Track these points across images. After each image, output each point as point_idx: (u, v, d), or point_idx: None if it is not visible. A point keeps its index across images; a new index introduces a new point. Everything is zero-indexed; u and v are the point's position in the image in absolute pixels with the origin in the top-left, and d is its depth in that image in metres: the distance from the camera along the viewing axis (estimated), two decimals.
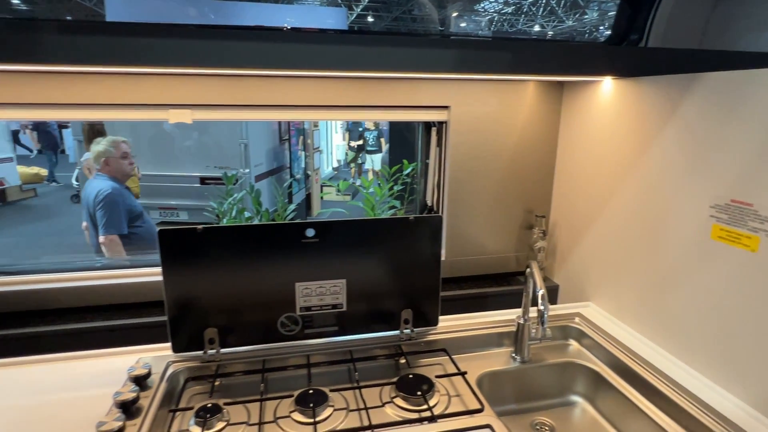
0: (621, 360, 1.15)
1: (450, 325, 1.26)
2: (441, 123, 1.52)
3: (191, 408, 0.96)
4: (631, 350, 1.15)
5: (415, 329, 1.21)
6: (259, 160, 6.04)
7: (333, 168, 10.34)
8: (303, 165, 7.54)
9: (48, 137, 8.06)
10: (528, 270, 1.14)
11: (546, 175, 1.59)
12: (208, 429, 0.91)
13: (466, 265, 1.60)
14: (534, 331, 1.16)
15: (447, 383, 1.09)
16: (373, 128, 9.19)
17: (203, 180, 5.91)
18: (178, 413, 0.95)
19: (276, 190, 5.72)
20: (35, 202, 8.12)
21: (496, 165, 1.54)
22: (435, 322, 1.22)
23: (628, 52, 1.23)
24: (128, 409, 0.89)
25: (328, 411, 0.99)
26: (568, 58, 1.13)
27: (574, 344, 1.30)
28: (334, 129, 10.24)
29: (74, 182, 8.00)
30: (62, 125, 8.12)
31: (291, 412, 0.98)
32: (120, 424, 0.82)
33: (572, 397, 1.23)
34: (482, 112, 1.48)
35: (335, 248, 1.12)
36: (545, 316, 1.00)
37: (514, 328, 1.22)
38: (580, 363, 1.22)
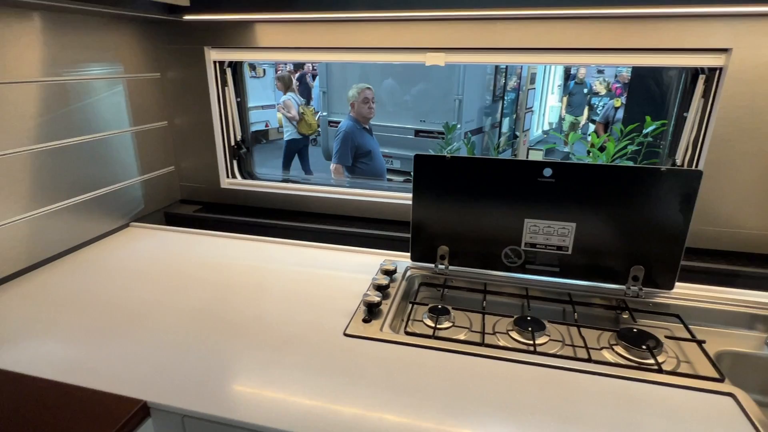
0: None
1: (688, 293, 1.15)
2: (712, 70, 1.31)
3: (425, 305, 1.14)
4: None
5: (643, 288, 1.15)
6: (470, 117, 6.15)
7: (543, 131, 9.74)
8: (512, 125, 7.35)
9: (304, 88, 9.72)
10: None
11: None
12: (439, 324, 1.08)
13: (713, 237, 1.39)
14: None
15: (676, 347, 1.03)
16: (603, 92, 7.74)
17: (417, 132, 6.35)
18: (415, 305, 1.14)
19: (490, 142, 5.76)
20: None
21: None
22: (670, 286, 1.13)
23: None
24: (382, 291, 1.11)
25: (544, 338, 1.04)
26: None
27: None
28: (550, 89, 9.54)
29: None
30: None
31: (509, 330, 1.07)
32: (378, 299, 1.05)
33: None
34: None
35: (570, 191, 1.13)
36: None
37: None
38: None
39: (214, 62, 1.61)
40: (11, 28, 1.15)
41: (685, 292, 1.15)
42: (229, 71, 1.67)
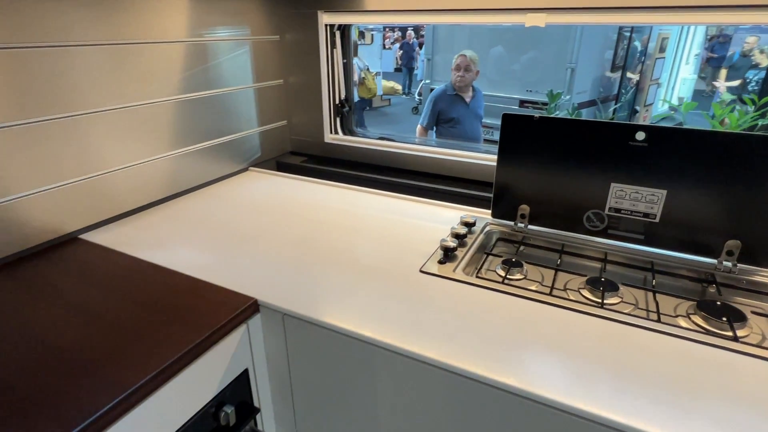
0: None
1: None
2: None
3: (500, 257, 1.20)
4: None
5: (738, 264, 1.09)
6: (582, 88, 5.74)
7: (669, 107, 8.68)
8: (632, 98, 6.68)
9: (407, 56, 9.79)
10: None
11: None
12: (510, 275, 1.14)
13: None
14: None
15: (765, 325, 0.98)
16: (765, 63, 6.02)
17: (522, 103, 6.10)
18: (490, 256, 1.21)
19: (601, 116, 5.37)
20: (388, 110, 10.21)
21: None
22: None
23: None
24: (459, 239, 1.20)
25: (615, 299, 1.06)
26: None
27: None
28: (686, 59, 8.39)
29: (416, 96, 9.59)
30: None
31: (580, 288, 1.10)
32: (454, 245, 1.14)
33: None
34: None
35: (664, 156, 1.09)
36: None
37: None
38: None
39: (326, 25, 1.76)
40: None
41: None
42: (338, 34, 1.82)
